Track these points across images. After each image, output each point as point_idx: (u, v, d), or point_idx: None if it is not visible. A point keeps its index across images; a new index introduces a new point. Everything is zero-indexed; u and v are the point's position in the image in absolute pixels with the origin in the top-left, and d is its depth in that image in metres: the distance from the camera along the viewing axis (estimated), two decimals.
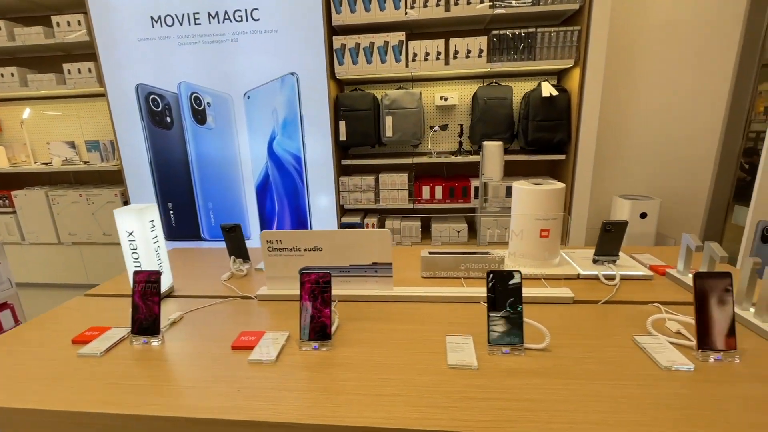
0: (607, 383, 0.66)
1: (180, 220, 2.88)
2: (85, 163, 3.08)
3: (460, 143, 2.76)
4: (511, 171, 2.85)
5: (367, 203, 2.72)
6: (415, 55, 2.43)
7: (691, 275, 1.01)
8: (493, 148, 2.15)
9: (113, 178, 3.10)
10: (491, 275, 0.76)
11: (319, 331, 0.80)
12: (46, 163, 3.05)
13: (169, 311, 0.97)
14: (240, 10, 2.41)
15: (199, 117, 2.66)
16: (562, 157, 2.53)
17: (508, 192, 2.60)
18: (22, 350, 0.83)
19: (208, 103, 2.64)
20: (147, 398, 0.67)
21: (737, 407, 0.60)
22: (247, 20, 2.43)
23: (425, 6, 2.32)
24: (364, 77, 2.60)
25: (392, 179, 2.67)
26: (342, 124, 2.60)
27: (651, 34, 2.56)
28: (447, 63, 2.43)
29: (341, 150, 2.76)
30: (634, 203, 2.42)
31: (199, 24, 2.46)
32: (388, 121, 2.59)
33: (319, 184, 2.68)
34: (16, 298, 2.02)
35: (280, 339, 0.82)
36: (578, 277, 1.08)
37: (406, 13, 2.34)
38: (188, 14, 2.45)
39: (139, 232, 0.99)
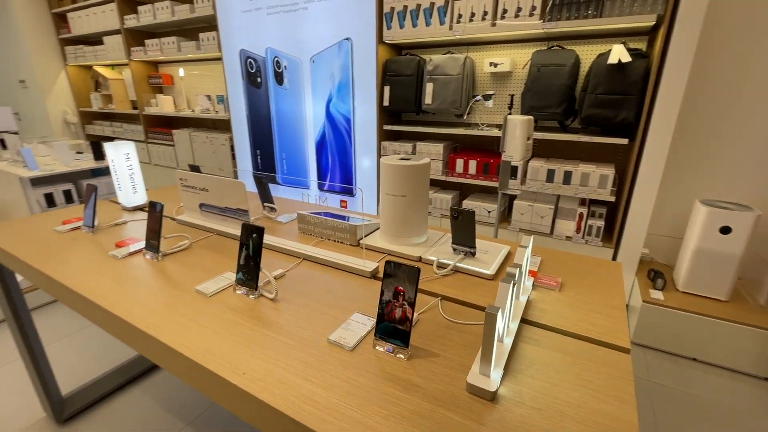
0: (276, 339, 0.73)
1: (264, 166, 3.51)
2: (216, 112, 3.98)
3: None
4: (566, 154, 2.44)
5: None
6: (460, 16, 2.27)
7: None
8: (514, 122, 1.94)
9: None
10: (244, 228, 0.88)
11: (156, 247, 1.06)
12: (193, 111, 4.08)
13: (119, 216, 1.40)
14: None
15: (279, 78, 3.12)
16: (625, 141, 2.04)
17: (550, 176, 2.27)
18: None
19: (285, 66, 3.06)
20: None
21: (329, 394, 0.61)
22: None
23: None
24: (411, 41, 2.57)
25: (428, 148, 2.64)
26: (387, 89, 2.67)
27: None
28: (493, 24, 2.20)
29: (388, 115, 2.84)
30: (713, 212, 1.81)
31: None
32: (429, 87, 2.53)
33: (364, 146, 2.87)
34: None
35: (139, 246, 1.12)
36: (420, 259, 1.04)
37: None
38: None
39: (117, 161, 1.41)
